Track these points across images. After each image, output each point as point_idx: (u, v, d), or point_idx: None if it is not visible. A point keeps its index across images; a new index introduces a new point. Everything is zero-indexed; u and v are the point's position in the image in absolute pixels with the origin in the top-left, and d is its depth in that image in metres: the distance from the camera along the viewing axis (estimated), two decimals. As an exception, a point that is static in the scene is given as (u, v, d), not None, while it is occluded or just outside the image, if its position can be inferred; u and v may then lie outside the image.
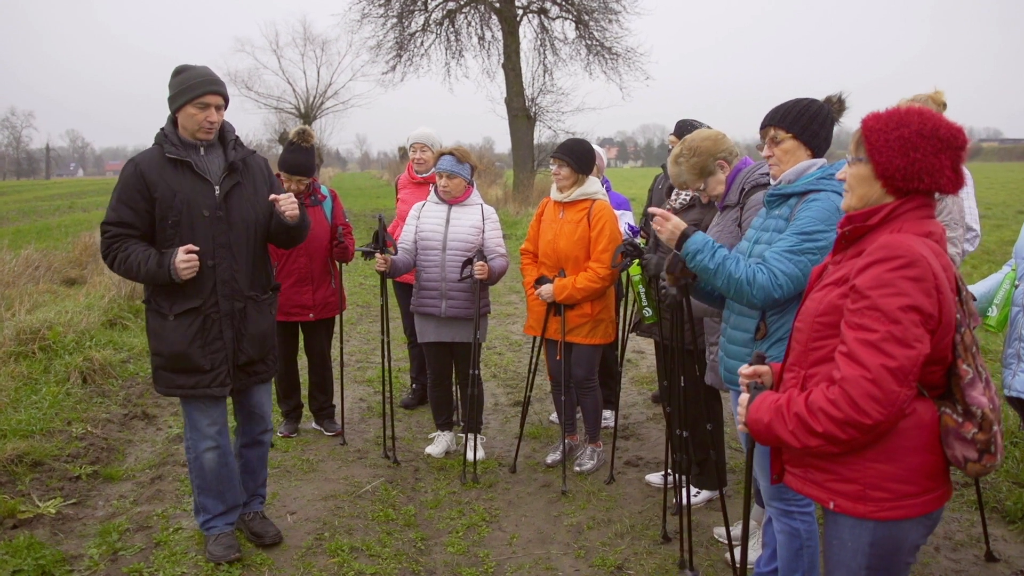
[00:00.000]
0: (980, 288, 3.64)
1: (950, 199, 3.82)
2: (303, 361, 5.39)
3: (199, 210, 3.32)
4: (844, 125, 3.09)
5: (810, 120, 2.80)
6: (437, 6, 25.23)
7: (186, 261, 3.23)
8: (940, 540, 3.74)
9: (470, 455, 4.67)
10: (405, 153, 5.91)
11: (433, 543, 3.83)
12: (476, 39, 25.51)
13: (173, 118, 3.37)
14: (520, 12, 24.56)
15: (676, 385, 3.51)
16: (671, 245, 2.91)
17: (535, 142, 24.58)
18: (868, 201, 2.03)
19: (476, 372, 4.63)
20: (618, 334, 4.72)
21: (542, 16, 25.22)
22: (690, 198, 4.03)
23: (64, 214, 25.70)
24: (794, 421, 1.98)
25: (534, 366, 4.77)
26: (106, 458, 4.81)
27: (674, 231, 2.87)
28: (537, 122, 24.76)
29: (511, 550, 3.76)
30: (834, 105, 2.89)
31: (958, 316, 1.96)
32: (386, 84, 26.30)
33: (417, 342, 5.06)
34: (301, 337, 5.26)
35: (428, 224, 4.68)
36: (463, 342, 4.69)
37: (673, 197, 4.16)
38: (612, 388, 5.10)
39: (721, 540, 3.72)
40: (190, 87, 3.28)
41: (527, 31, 25.07)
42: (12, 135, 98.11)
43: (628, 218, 5.12)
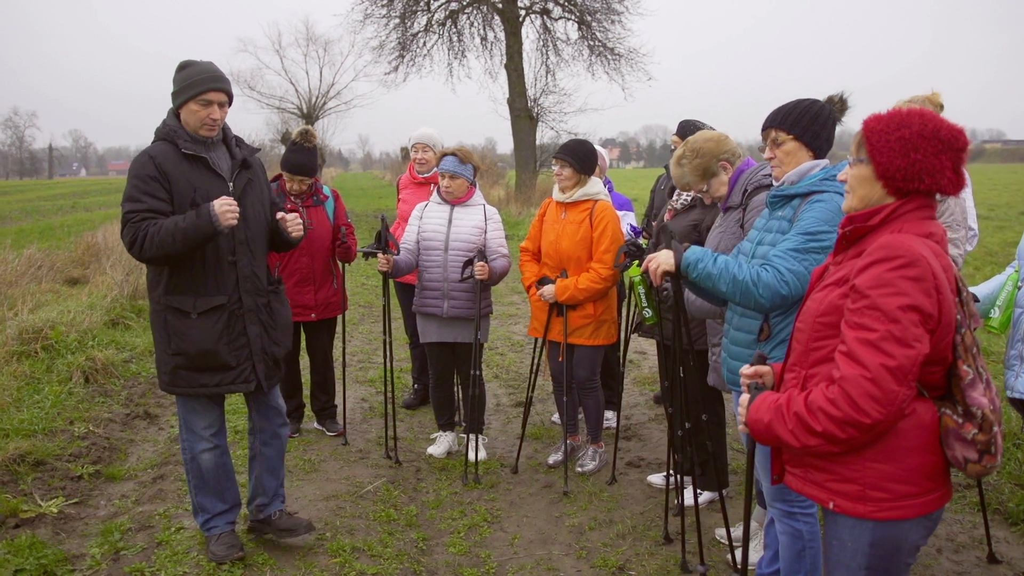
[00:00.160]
0: (983, 290, 3.63)
1: (952, 200, 3.82)
2: (305, 361, 5.40)
3: None
4: (846, 126, 3.09)
5: (811, 121, 2.79)
6: (440, 7, 25.27)
7: (227, 204, 3.18)
8: (942, 542, 3.74)
9: (472, 455, 4.67)
10: (407, 153, 5.91)
11: (435, 543, 3.83)
12: (479, 39, 25.59)
13: (176, 113, 3.33)
14: (523, 13, 24.59)
15: (677, 386, 3.51)
16: (671, 268, 2.83)
17: (537, 143, 24.61)
18: (869, 202, 2.03)
19: (478, 372, 4.64)
20: (620, 335, 4.72)
21: (545, 17, 25.25)
22: (691, 199, 4.03)
23: (67, 214, 25.76)
24: (793, 420, 1.98)
25: (536, 367, 4.77)
26: (108, 458, 4.82)
27: (668, 259, 2.82)
28: (539, 123, 24.80)
29: (513, 551, 3.76)
30: (836, 105, 2.88)
31: (958, 317, 1.96)
32: (388, 84, 26.38)
33: (419, 342, 5.06)
34: (303, 337, 5.27)
35: (430, 224, 4.69)
36: (465, 342, 4.69)
37: (674, 198, 4.16)
38: (614, 389, 5.09)
39: (722, 541, 3.72)
40: (193, 83, 3.24)
41: (530, 31, 25.15)
42: (15, 135, 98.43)
43: (630, 219, 5.12)
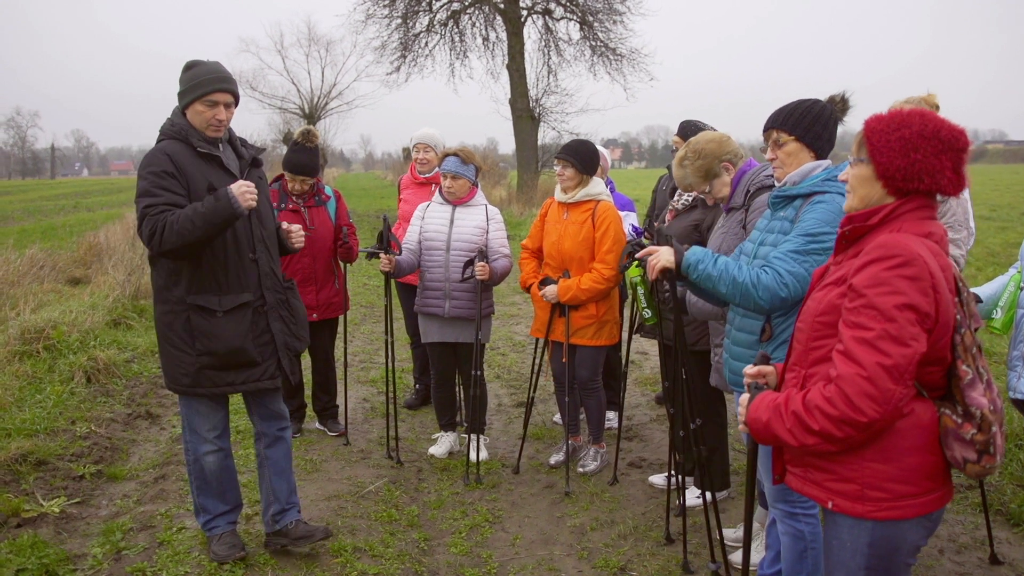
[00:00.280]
0: (986, 291, 3.62)
1: (953, 201, 3.82)
2: (306, 361, 5.40)
3: None
4: (848, 127, 3.08)
5: (812, 122, 2.78)
6: (441, 7, 25.27)
7: (246, 185, 3.17)
8: (944, 542, 3.73)
9: (473, 456, 4.67)
10: (409, 154, 5.91)
11: (436, 544, 3.83)
12: (480, 40, 25.59)
13: (182, 113, 3.32)
14: (524, 13, 24.58)
15: (679, 386, 3.50)
16: (671, 265, 2.83)
17: (539, 143, 24.59)
18: (869, 202, 2.03)
19: (479, 373, 4.64)
20: (622, 335, 4.72)
21: (546, 17, 25.26)
22: (692, 199, 4.03)
23: (69, 214, 25.80)
24: (791, 419, 1.98)
25: (537, 367, 4.77)
26: (110, 457, 4.82)
27: (668, 256, 2.82)
28: (541, 123, 24.79)
29: (514, 551, 3.76)
30: (837, 105, 2.87)
31: (958, 317, 1.95)
32: (390, 85, 26.37)
33: (420, 342, 5.06)
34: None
35: (432, 225, 4.69)
36: (467, 342, 4.69)
37: (676, 198, 4.16)
38: (616, 389, 5.09)
39: (724, 542, 3.71)
40: (200, 84, 3.23)
41: (531, 32, 25.15)
42: (18, 135, 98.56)
43: (632, 219, 5.11)
